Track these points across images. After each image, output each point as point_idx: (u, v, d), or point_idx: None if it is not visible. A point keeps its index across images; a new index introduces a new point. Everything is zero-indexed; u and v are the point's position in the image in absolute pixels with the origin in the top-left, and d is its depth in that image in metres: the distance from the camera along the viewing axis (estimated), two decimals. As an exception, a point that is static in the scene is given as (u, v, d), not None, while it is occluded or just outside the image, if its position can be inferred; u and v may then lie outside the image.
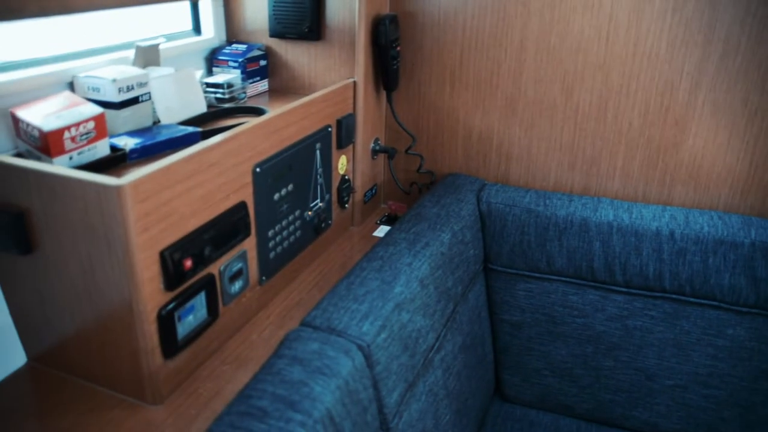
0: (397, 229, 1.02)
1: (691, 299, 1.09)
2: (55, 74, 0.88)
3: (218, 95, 1.12)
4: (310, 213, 1.04)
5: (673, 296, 1.10)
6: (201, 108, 1.05)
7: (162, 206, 0.68)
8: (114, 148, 0.84)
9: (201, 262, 0.76)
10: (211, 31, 1.24)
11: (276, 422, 0.58)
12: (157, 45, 1.01)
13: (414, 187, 1.35)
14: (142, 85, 0.91)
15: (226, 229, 0.80)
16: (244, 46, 1.22)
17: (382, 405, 0.77)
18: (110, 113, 0.86)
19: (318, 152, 1.03)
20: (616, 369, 1.17)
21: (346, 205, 1.19)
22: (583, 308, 1.16)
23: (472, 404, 1.11)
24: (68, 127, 0.76)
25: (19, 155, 0.79)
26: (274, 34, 1.23)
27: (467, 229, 1.10)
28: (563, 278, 1.16)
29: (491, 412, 1.25)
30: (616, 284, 1.12)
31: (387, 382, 0.78)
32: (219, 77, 1.14)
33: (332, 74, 1.21)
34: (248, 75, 1.20)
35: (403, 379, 0.82)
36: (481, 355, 1.17)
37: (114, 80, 0.87)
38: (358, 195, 1.24)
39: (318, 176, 1.05)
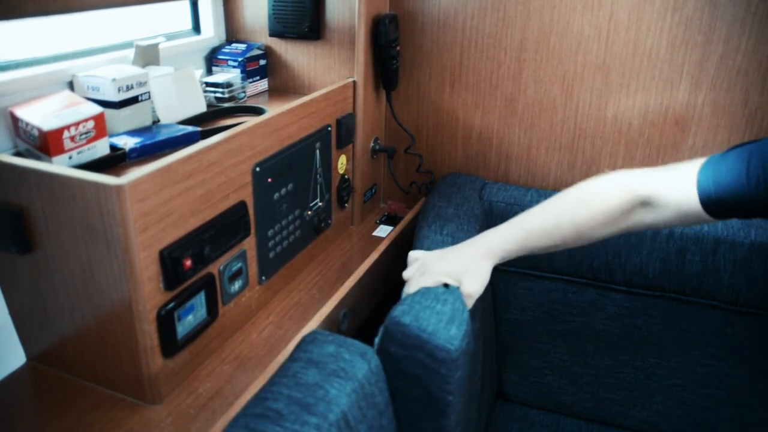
0: (430, 231, 1.00)
1: (691, 299, 1.09)
2: (55, 73, 0.88)
3: (218, 95, 1.12)
4: (309, 213, 1.04)
5: (673, 295, 1.10)
6: (200, 107, 1.05)
7: (161, 206, 0.68)
8: (113, 148, 0.84)
9: (201, 261, 0.76)
10: (211, 30, 1.24)
11: (291, 425, 0.58)
12: (157, 44, 1.01)
13: (413, 186, 1.35)
14: (141, 84, 0.91)
15: (225, 229, 0.80)
16: (244, 45, 1.22)
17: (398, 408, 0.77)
18: (110, 112, 0.86)
19: (318, 152, 1.03)
20: (615, 368, 1.17)
21: (346, 205, 1.19)
22: (583, 307, 1.16)
23: (471, 404, 1.11)
24: (68, 127, 0.76)
25: (18, 154, 0.79)
26: (274, 33, 1.22)
27: (482, 228, 1.10)
28: (564, 277, 1.16)
29: (492, 411, 1.25)
30: (616, 283, 1.13)
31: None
32: (218, 76, 1.14)
33: (332, 74, 1.21)
34: (248, 74, 1.20)
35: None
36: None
37: (113, 79, 0.87)
38: (358, 194, 1.24)
39: (318, 176, 1.05)
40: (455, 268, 0.83)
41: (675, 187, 0.76)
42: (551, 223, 0.81)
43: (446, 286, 0.82)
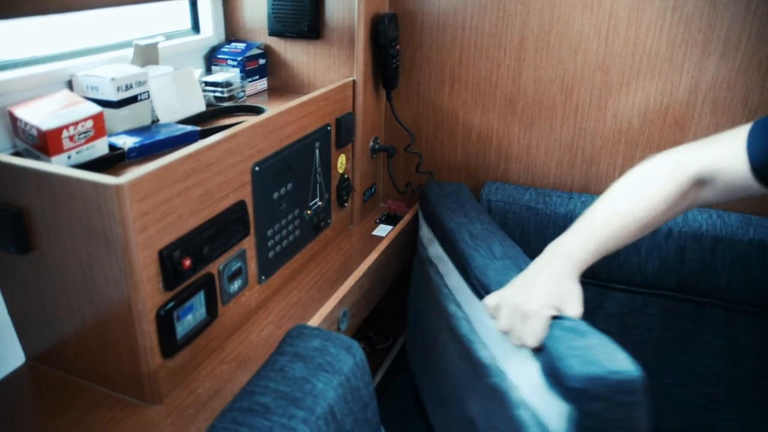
0: (484, 258, 0.92)
1: (689, 297, 1.09)
2: (54, 73, 0.88)
3: (217, 94, 1.11)
4: (309, 212, 1.04)
5: (671, 294, 1.10)
6: (200, 107, 1.05)
7: (161, 205, 0.68)
8: (112, 147, 0.83)
9: (200, 261, 0.76)
10: (210, 29, 1.24)
11: (279, 418, 0.58)
12: (156, 44, 1.01)
13: (408, 188, 1.35)
14: (140, 83, 0.91)
15: (225, 229, 0.80)
16: (243, 44, 1.22)
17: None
18: (109, 112, 0.86)
19: (317, 151, 1.03)
20: (614, 368, 1.17)
21: (345, 204, 1.19)
22: (582, 306, 1.16)
23: (471, 403, 1.11)
24: (66, 126, 0.76)
25: (17, 154, 0.79)
26: (273, 32, 1.22)
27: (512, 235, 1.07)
28: (562, 277, 1.15)
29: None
30: (615, 282, 1.13)
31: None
32: (218, 76, 1.14)
33: (331, 73, 1.21)
34: (247, 74, 1.20)
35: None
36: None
37: (113, 79, 0.87)
38: (357, 194, 1.24)
39: (317, 175, 1.05)
40: (551, 297, 0.76)
41: (724, 160, 0.73)
42: (618, 224, 0.77)
43: (553, 318, 0.75)
